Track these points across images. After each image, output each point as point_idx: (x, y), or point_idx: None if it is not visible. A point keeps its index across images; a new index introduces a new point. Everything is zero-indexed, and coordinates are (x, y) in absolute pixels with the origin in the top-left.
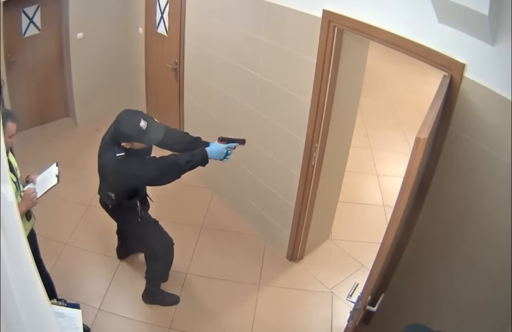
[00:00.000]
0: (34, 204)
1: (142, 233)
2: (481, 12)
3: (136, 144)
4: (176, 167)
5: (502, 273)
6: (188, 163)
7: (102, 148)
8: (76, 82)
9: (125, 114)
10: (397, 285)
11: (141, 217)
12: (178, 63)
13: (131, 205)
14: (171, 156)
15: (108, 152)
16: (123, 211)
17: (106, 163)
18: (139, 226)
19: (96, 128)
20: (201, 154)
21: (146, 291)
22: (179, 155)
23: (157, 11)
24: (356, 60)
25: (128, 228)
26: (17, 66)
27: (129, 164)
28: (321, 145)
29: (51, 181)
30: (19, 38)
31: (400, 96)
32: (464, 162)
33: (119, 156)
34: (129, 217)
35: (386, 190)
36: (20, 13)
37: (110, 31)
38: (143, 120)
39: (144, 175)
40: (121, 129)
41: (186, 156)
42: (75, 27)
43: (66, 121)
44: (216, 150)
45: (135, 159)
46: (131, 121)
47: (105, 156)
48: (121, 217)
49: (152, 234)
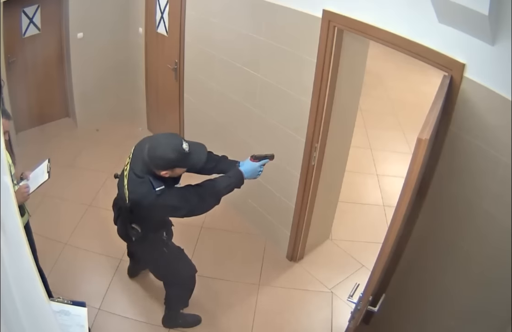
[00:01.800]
0: (26, 199)
1: (167, 263)
2: (481, 12)
3: (178, 170)
4: (215, 193)
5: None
6: (227, 188)
7: (133, 182)
8: (76, 82)
9: (161, 139)
10: (397, 285)
11: (167, 246)
12: (178, 63)
13: (158, 236)
14: (208, 182)
15: (143, 185)
16: (149, 243)
17: (142, 198)
18: (165, 256)
19: (96, 128)
20: (237, 176)
21: (166, 316)
22: (215, 180)
23: (157, 11)
24: (356, 60)
25: (152, 259)
26: (17, 66)
27: (170, 197)
28: (321, 145)
29: (42, 177)
30: (19, 38)
31: (400, 96)
32: (464, 162)
33: (159, 190)
34: (154, 248)
35: (386, 190)
36: (20, 13)
37: (110, 31)
38: (184, 142)
39: (184, 206)
40: (162, 155)
41: (224, 180)
42: (75, 27)
43: (66, 121)
44: (251, 169)
45: (175, 190)
46: (172, 145)
47: (140, 191)
48: (146, 249)
49: (177, 264)
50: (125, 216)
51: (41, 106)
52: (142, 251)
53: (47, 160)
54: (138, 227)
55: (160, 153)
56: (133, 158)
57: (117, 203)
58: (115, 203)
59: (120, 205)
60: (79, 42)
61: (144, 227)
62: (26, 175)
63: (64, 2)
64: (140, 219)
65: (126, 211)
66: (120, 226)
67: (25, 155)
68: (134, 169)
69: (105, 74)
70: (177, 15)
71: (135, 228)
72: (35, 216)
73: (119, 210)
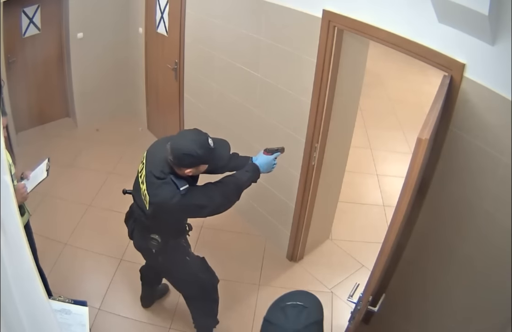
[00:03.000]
0: (25, 198)
1: (190, 272)
2: (481, 12)
3: (202, 167)
4: (237, 188)
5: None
6: (247, 182)
7: (154, 185)
8: (76, 82)
9: (187, 136)
10: (397, 285)
11: (189, 254)
12: (178, 63)
13: (178, 243)
14: (228, 178)
15: (167, 186)
16: (170, 252)
17: (167, 200)
18: (187, 265)
19: (96, 128)
20: (254, 170)
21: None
22: (234, 176)
23: (157, 11)
24: (356, 60)
25: (175, 269)
26: (17, 66)
27: (195, 196)
28: (321, 145)
29: (41, 175)
30: (19, 38)
31: (400, 96)
32: (464, 162)
33: (183, 189)
34: (176, 257)
35: (386, 190)
36: (20, 13)
37: (110, 31)
38: (209, 138)
39: (209, 204)
40: (190, 152)
41: (243, 174)
42: (75, 27)
43: (66, 121)
44: (266, 162)
45: (198, 189)
46: (200, 141)
47: (164, 193)
48: (167, 259)
49: (201, 273)
50: (143, 227)
51: (41, 106)
52: (163, 262)
53: (47, 159)
54: (158, 236)
55: (187, 150)
56: (148, 163)
57: (131, 215)
58: (128, 217)
59: (136, 216)
60: (79, 42)
61: (164, 235)
62: (26, 174)
63: (64, 2)
64: (159, 227)
65: (145, 220)
66: (138, 239)
67: (25, 155)
68: (153, 172)
69: (105, 74)
70: (177, 15)
71: (154, 237)
72: (35, 216)
73: (134, 222)
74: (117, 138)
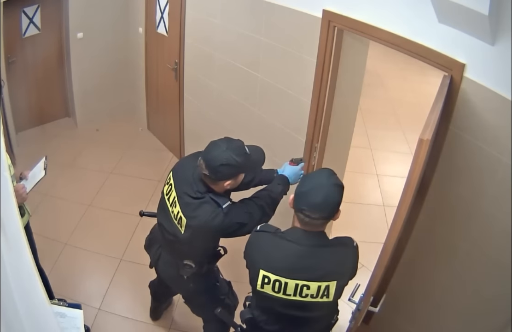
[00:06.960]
0: (24, 199)
1: (219, 298)
2: (481, 12)
3: (240, 177)
4: (272, 202)
5: (501, 273)
6: (281, 195)
7: (190, 205)
8: (76, 82)
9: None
10: (397, 285)
11: (219, 279)
12: (178, 63)
13: (211, 267)
14: (262, 192)
15: (206, 206)
16: (202, 279)
17: (208, 221)
18: (217, 290)
19: (96, 128)
20: (284, 182)
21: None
22: (268, 189)
23: (157, 11)
24: (356, 60)
25: (204, 297)
26: (17, 66)
27: (237, 214)
28: (321, 145)
29: (40, 174)
30: (19, 38)
31: (400, 96)
32: (464, 162)
33: (226, 207)
34: (207, 284)
35: (386, 190)
36: (20, 13)
37: (110, 31)
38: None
39: (250, 222)
40: (228, 162)
41: (276, 187)
42: (75, 27)
43: (66, 121)
44: (294, 173)
45: (238, 205)
46: (236, 149)
47: (204, 214)
48: (198, 287)
49: (229, 298)
50: (174, 253)
51: (41, 106)
52: (194, 290)
53: (44, 157)
54: (192, 262)
55: (224, 160)
56: (177, 183)
57: (154, 241)
58: (151, 244)
59: (165, 242)
60: (79, 42)
61: (198, 260)
62: (25, 174)
63: (64, 2)
64: (195, 252)
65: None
66: (167, 268)
67: (25, 155)
68: (187, 192)
69: (105, 74)
70: (177, 15)
71: (188, 264)
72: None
73: (159, 249)
74: (117, 138)
